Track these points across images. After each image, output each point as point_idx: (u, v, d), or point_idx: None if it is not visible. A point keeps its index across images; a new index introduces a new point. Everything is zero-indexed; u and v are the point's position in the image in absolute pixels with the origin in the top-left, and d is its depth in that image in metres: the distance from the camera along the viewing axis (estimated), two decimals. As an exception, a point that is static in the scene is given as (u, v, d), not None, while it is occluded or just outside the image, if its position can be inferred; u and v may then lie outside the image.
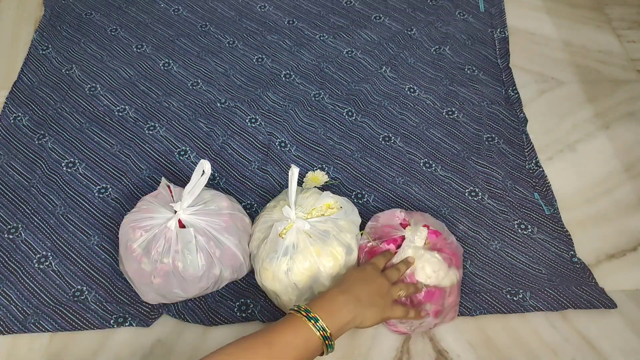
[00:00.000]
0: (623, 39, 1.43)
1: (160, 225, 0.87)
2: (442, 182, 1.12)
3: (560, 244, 1.04)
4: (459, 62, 1.36)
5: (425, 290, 0.84)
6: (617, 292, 0.97)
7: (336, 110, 1.24)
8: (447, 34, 1.42)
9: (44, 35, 1.37)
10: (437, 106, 1.26)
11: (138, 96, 1.25)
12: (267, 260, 0.87)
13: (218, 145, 1.16)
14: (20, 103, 1.23)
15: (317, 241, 0.85)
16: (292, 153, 1.16)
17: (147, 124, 1.20)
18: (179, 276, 0.86)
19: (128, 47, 1.36)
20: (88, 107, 1.23)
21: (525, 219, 1.07)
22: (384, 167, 1.14)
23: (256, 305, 0.95)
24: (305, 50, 1.36)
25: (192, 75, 1.30)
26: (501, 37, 1.42)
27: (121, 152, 1.15)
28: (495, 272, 1.00)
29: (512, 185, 1.12)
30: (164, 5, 1.47)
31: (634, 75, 1.34)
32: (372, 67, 1.33)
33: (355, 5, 1.48)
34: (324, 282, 0.86)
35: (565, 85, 1.32)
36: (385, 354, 0.90)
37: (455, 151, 1.17)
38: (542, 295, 0.96)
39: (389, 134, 1.20)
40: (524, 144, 1.20)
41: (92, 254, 1.00)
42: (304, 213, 0.89)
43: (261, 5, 1.47)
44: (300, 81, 1.30)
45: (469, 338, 0.92)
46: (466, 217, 1.07)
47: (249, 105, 1.23)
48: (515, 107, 1.26)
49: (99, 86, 1.27)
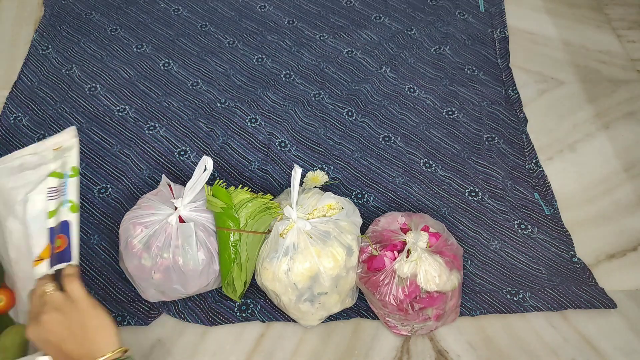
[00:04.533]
0: (623, 39, 1.43)
1: (160, 221, 0.87)
2: (442, 182, 1.12)
3: (560, 244, 1.04)
4: (459, 62, 1.36)
5: (426, 295, 0.84)
6: (617, 292, 0.98)
7: (336, 110, 1.24)
8: (447, 34, 1.42)
9: (44, 36, 1.37)
10: (437, 106, 1.26)
11: (138, 96, 1.25)
12: (267, 260, 0.87)
13: (218, 145, 1.16)
14: (20, 103, 1.23)
15: (317, 242, 0.85)
16: (292, 153, 1.16)
17: (147, 124, 1.20)
18: (179, 271, 0.87)
19: (128, 47, 1.36)
20: (88, 107, 1.22)
21: (525, 219, 1.07)
22: (384, 167, 1.14)
23: (256, 305, 0.95)
24: (305, 50, 1.36)
25: (192, 75, 1.30)
26: (501, 37, 1.42)
27: (121, 152, 1.15)
28: (495, 272, 1.00)
29: (512, 185, 1.12)
30: (164, 5, 1.47)
31: (634, 75, 1.34)
32: (372, 67, 1.33)
33: (355, 5, 1.48)
34: (323, 283, 0.86)
35: (565, 85, 1.32)
36: (385, 354, 0.91)
37: (455, 151, 1.18)
38: (542, 295, 0.96)
39: (389, 134, 1.20)
40: (524, 144, 1.20)
41: (92, 253, 1.00)
42: (305, 213, 0.89)
43: (261, 5, 1.47)
44: (300, 81, 1.30)
45: (469, 338, 0.92)
46: (466, 217, 1.07)
47: (249, 105, 1.23)
48: (515, 107, 1.26)
49: (99, 86, 1.27)
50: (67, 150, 0.81)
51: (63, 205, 0.78)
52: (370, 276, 0.87)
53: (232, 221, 0.87)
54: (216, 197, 0.89)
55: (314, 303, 0.88)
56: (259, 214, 0.88)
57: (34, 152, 0.81)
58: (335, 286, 0.87)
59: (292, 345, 0.92)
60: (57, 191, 0.79)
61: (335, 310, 0.92)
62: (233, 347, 0.91)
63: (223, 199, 0.88)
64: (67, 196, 0.78)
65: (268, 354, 0.90)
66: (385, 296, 0.85)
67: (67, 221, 0.77)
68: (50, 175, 0.79)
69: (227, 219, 0.87)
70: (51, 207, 0.78)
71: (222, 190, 0.89)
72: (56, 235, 0.76)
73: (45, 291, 0.68)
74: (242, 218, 0.88)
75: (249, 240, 0.88)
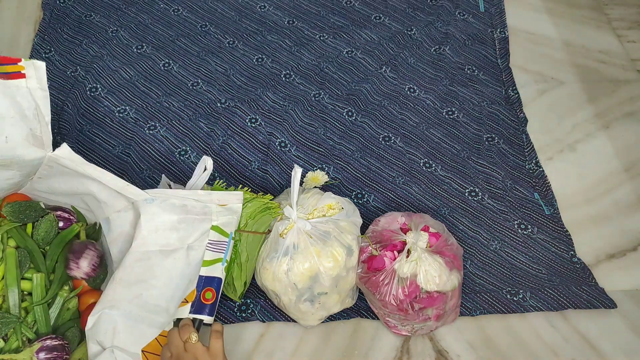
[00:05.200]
0: (623, 39, 1.43)
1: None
2: (442, 182, 1.12)
3: (560, 244, 1.04)
4: (459, 62, 1.36)
5: (426, 295, 0.84)
6: (617, 292, 0.98)
7: (336, 110, 1.24)
8: (447, 34, 1.42)
9: (44, 39, 1.37)
10: (437, 106, 1.26)
11: (138, 96, 1.25)
12: (267, 260, 0.87)
13: (218, 145, 1.16)
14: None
15: (317, 242, 0.85)
16: (292, 153, 1.16)
17: (147, 124, 1.20)
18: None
19: (128, 47, 1.36)
20: (89, 108, 1.22)
21: (525, 219, 1.07)
22: (384, 167, 1.14)
23: (256, 305, 0.95)
24: (305, 50, 1.36)
25: (192, 76, 1.30)
26: (501, 37, 1.42)
27: (122, 152, 1.15)
28: (495, 272, 1.00)
29: (512, 185, 1.12)
30: (164, 5, 1.47)
31: (634, 75, 1.34)
32: (372, 67, 1.33)
33: (355, 5, 1.48)
34: (323, 283, 0.86)
35: (565, 85, 1.32)
36: (385, 354, 0.91)
37: (455, 151, 1.18)
38: (542, 295, 0.96)
39: (389, 134, 1.20)
40: (524, 144, 1.20)
41: (93, 254, 1.00)
42: (305, 213, 0.89)
43: (261, 5, 1.48)
44: (300, 81, 1.30)
45: (469, 338, 0.92)
46: (466, 217, 1.07)
47: (249, 105, 1.24)
48: (515, 107, 1.26)
49: (99, 87, 1.27)
50: (233, 212, 0.86)
51: (221, 263, 0.84)
52: (370, 276, 0.87)
53: (232, 221, 0.87)
54: None
55: (314, 303, 0.88)
56: (259, 214, 0.89)
57: (197, 199, 0.85)
58: (335, 286, 0.87)
59: (292, 345, 0.92)
60: (216, 245, 0.85)
61: (335, 310, 0.92)
62: (233, 347, 0.91)
63: None
64: (226, 256, 0.85)
65: (268, 354, 0.91)
66: (385, 296, 0.85)
67: (220, 278, 0.84)
68: (212, 229, 0.85)
69: (227, 219, 0.87)
70: (207, 257, 0.84)
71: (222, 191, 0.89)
72: (206, 287, 0.83)
73: (190, 338, 0.73)
74: (242, 218, 0.88)
75: (249, 240, 0.88)
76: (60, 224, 0.90)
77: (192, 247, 0.83)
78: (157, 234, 0.82)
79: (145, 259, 0.82)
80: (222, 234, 0.85)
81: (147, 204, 0.82)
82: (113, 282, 0.80)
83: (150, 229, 0.82)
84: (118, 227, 0.86)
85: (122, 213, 0.86)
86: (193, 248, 0.83)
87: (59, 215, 0.90)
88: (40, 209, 0.90)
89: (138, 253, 0.82)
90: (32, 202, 0.90)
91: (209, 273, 0.83)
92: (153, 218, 0.82)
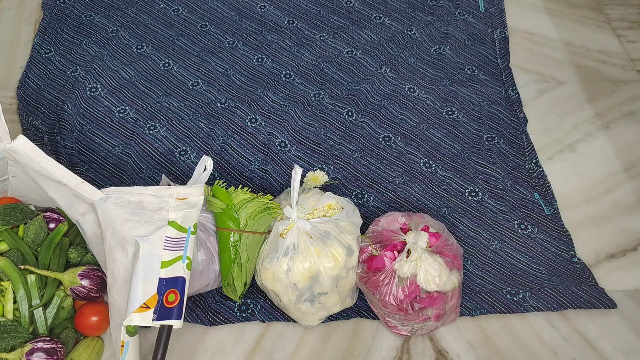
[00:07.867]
0: (623, 39, 1.43)
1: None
2: (442, 182, 1.12)
3: (560, 244, 1.04)
4: (459, 62, 1.36)
5: (426, 295, 0.84)
6: (617, 292, 0.98)
7: (336, 110, 1.24)
8: (447, 34, 1.42)
9: (44, 39, 1.37)
10: (437, 106, 1.26)
11: (138, 96, 1.25)
12: (267, 260, 0.87)
13: (218, 145, 1.16)
14: (30, 107, 1.22)
15: (317, 242, 0.85)
16: (292, 153, 1.16)
17: (147, 124, 1.20)
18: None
19: (128, 47, 1.36)
20: (89, 108, 1.22)
21: (525, 219, 1.07)
22: (384, 167, 1.14)
23: (256, 305, 0.95)
24: (305, 50, 1.36)
25: (192, 75, 1.30)
26: (501, 37, 1.42)
27: (122, 152, 1.15)
28: (495, 272, 1.00)
29: (512, 185, 1.12)
30: (164, 5, 1.47)
31: (634, 75, 1.34)
32: (372, 67, 1.33)
33: (355, 5, 1.48)
34: (323, 283, 0.86)
35: (565, 85, 1.32)
36: (385, 354, 0.91)
37: (455, 151, 1.18)
38: (542, 295, 0.96)
39: (389, 134, 1.20)
40: (524, 144, 1.20)
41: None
42: (305, 213, 0.89)
43: (261, 5, 1.48)
44: (300, 81, 1.30)
45: (469, 338, 0.92)
46: (466, 217, 1.07)
47: (249, 105, 1.24)
48: (515, 107, 1.26)
49: (99, 87, 1.27)
50: (192, 205, 0.82)
51: (182, 261, 0.78)
52: (370, 276, 0.87)
53: (232, 221, 0.87)
54: (216, 198, 0.89)
55: (314, 303, 0.88)
56: (259, 214, 0.88)
57: (155, 194, 0.81)
58: (335, 286, 0.87)
59: (292, 345, 0.92)
60: (174, 243, 0.79)
61: (335, 310, 0.92)
62: (233, 347, 0.91)
63: (223, 200, 0.88)
64: (186, 252, 0.79)
65: (268, 354, 0.91)
66: (385, 296, 0.85)
67: (183, 278, 0.78)
68: (169, 224, 0.80)
69: (227, 220, 0.87)
70: (165, 257, 0.77)
71: (222, 191, 0.89)
72: (168, 289, 0.76)
73: None
74: (242, 218, 0.88)
75: (249, 240, 0.88)
76: (51, 225, 0.90)
77: (144, 241, 0.78)
78: (112, 228, 0.80)
79: (110, 255, 0.80)
80: (180, 229, 0.80)
81: (101, 203, 0.80)
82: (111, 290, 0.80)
83: (106, 225, 0.80)
84: (88, 229, 0.85)
85: (86, 216, 0.84)
86: (145, 241, 0.77)
87: (48, 217, 0.90)
88: (28, 210, 0.90)
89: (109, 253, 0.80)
90: (19, 204, 0.90)
91: (170, 274, 0.77)
92: (107, 215, 0.79)
